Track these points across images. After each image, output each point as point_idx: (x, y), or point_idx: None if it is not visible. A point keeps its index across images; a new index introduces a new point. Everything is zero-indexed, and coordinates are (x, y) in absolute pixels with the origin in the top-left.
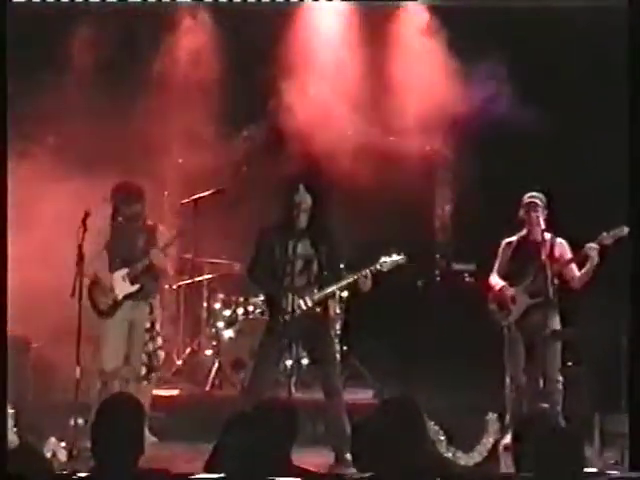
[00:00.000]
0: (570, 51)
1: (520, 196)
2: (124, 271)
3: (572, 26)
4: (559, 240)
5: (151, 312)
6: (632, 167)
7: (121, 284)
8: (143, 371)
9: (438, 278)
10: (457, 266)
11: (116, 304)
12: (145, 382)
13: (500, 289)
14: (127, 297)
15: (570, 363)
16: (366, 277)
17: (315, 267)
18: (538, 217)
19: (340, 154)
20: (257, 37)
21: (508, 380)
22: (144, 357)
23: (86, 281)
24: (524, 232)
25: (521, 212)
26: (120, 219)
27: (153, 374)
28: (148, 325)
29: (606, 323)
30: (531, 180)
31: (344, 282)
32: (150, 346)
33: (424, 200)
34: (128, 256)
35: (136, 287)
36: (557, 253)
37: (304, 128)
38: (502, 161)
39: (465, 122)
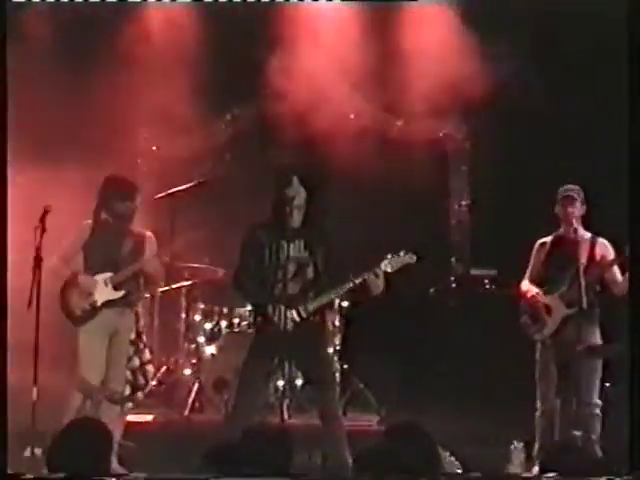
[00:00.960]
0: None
1: (552, 189)
2: (106, 275)
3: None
4: (601, 240)
5: (137, 321)
6: (632, 166)
7: (102, 289)
8: (127, 391)
9: (454, 285)
10: (476, 271)
11: (94, 310)
12: (130, 404)
13: (533, 297)
14: (107, 304)
15: (609, 384)
16: (377, 276)
17: (310, 272)
18: (575, 214)
19: (340, 141)
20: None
21: (538, 403)
22: (128, 374)
23: (60, 281)
24: (560, 231)
25: (556, 208)
26: (106, 216)
27: (139, 394)
28: (133, 336)
29: None
30: (565, 172)
31: (344, 289)
32: (136, 361)
33: (437, 194)
34: (110, 259)
35: (121, 294)
36: (598, 255)
37: (298, 110)
38: (530, 150)
39: (484, 104)
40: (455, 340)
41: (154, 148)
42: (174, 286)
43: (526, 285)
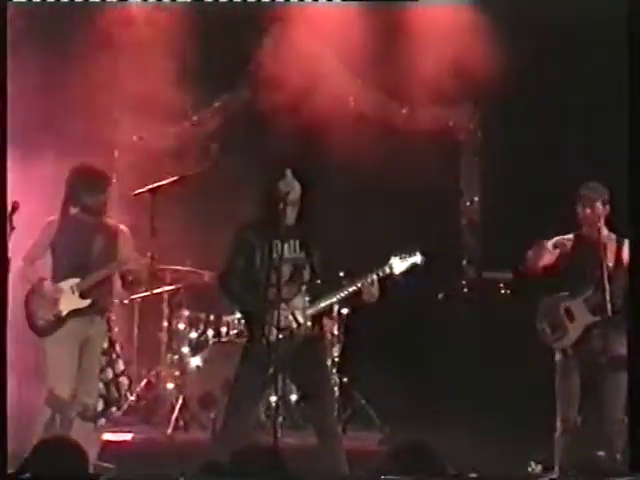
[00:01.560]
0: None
1: (574, 184)
2: (73, 281)
3: None
4: (628, 241)
5: (109, 328)
6: (632, 165)
7: (68, 297)
8: (100, 405)
9: (465, 290)
10: (489, 274)
11: (59, 321)
12: (103, 420)
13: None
14: (73, 313)
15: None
16: (372, 284)
17: (306, 274)
18: (597, 213)
19: (339, 130)
20: None
21: (558, 420)
22: (101, 387)
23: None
24: (582, 231)
25: (577, 207)
26: (75, 211)
27: (113, 409)
28: (106, 345)
29: None
30: (588, 166)
31: (344, 293)
32: (109, 372)
33: (446, 189)
34: (80, 259)
35: (87, 302)
36: (625, 257)
37: (292, 97)
38: (548, 141)
39: (498, 91)
40: (467, 350)
41: (134, 138)
42: (155, 291)
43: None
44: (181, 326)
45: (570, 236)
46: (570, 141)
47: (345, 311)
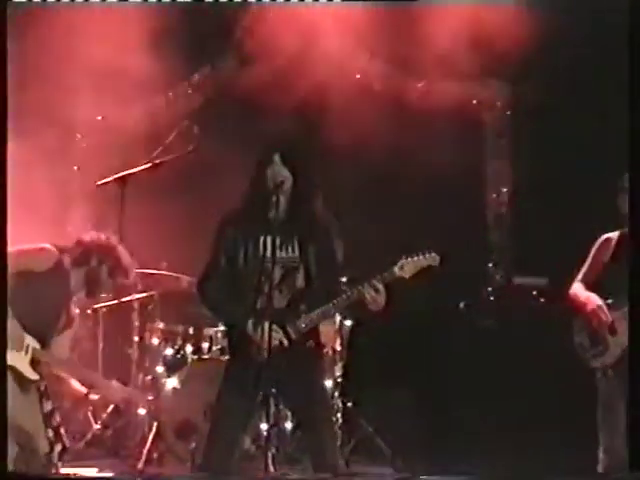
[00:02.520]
0: None
1: (618, 174)
2: None
3: None
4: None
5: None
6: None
7: None
8: (43, 445)
9: (492, 297)
10: (520, 280)
11: None
12: (52, 457)
13: (595, 310)
14: None
15: None
16: (377, 290)
17: (301, 278)
18: None
19: (341, 108)
20: None
21: (600, 451)
22: (39, 421)
23: None
24: (628, 229)
25: (619, 200)
26: None
27: (59, 445)
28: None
29: None
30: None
31: (345, 301)
32: (47, 404)
33: (469, 179)
34: None
35: None
36: None
37: (286, 70)
38: (589, 122)
39: (529, 63)
40: (493, 370)
41: (99, 118)
42: (124, 299)
43: (583, 291)
44: (155, 341)
45: (615, 234)
46: (614, 124)
47: (348, 323)
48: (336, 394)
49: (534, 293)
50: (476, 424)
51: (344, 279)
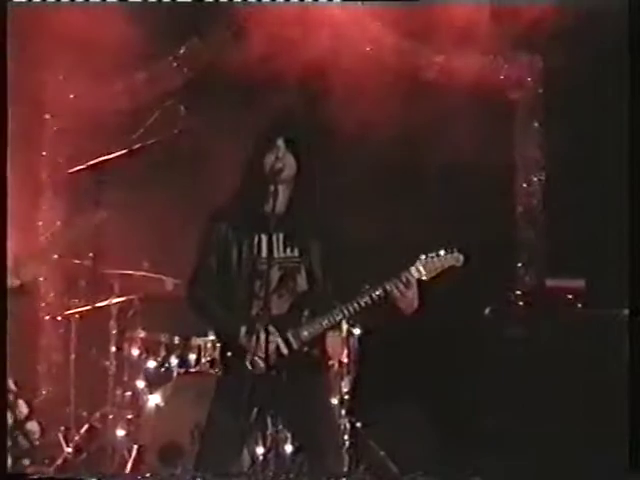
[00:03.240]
0: None
1: None
2: None
3: None
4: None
5: None
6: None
7: None
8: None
9: (521, 302)
10: (554, 282)
11: None
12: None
13: None
14: None
15: None
16: (407, 284)
17: (303, 281)
18: None
19: (349, 86)
20: None
21: None
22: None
23: None
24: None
25: None
26: None
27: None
28: None
29: None
30: None
31: (354, 307)
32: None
33: (495, 166)
34: None
35: None
36: None
37: (287, 42)
38: (632, 100)
39: (565, 33)
40: (522, 384)
41: (72, 96)
42: (100, 304)
43: None
44: (135, 352)
45: None
46: None
47: (357, 332)
48: (343, 413)
49: (570, 297)
50: (502, 445)
51: (353, 281)
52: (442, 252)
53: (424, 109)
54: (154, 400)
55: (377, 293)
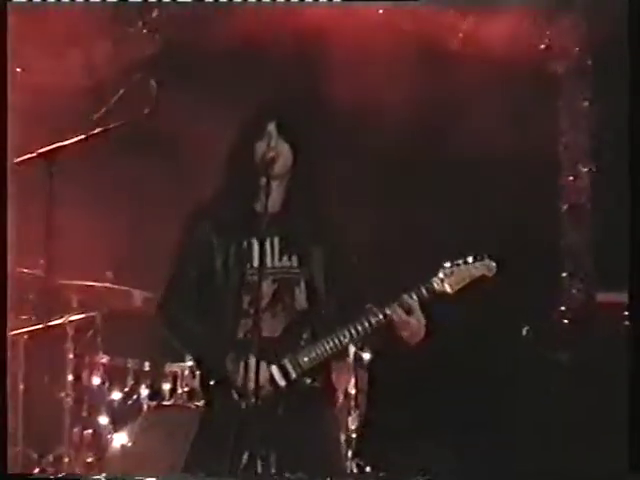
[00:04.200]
0: None
1: None
2: None
3: None
4: None
5: None
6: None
7: None
8: None
9: (566, 320)
10: (605, 295)
11: None
12: None
13: None
14: None
15: None
16: (408, 310)
17: (301, 295)
18: None
19: (358, 57)
20: None
21: None
22: None
23: None
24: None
25: None
26: None
27: None
28: None
29: None
30: None
31: (363, 328)
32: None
33: (536, 158)
34: None
35: None
36: None
37: (280, 4)
38: None
39: None
40: (567, 416)
41: (18, 70)
42: (53, 322)
43: None
44: (96, 380)
45: None
46: None
47: (367, 356)
48: (349, 453)
49: (625, 314)
50: None
51: (362, 296)
52: (470, 259)
53: (446, 87)
54: (119, 440)
55: (385, 314)
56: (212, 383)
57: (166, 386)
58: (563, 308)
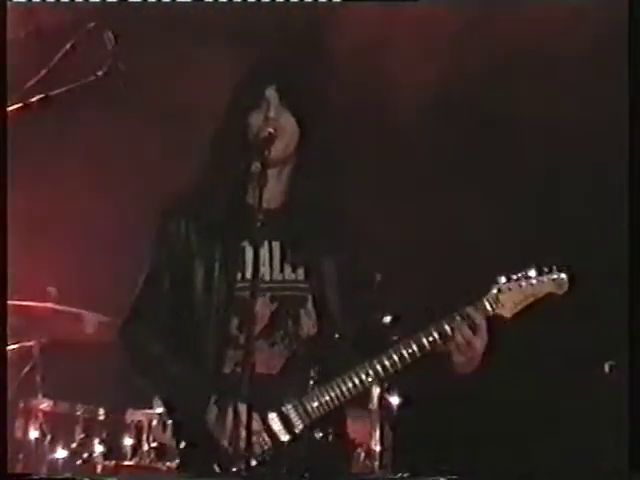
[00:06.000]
0: None
1: None
2: None
3: None
4: None
5: None
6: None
7: None
8: None
9: None
10: None
11: None
12: None
13: None
14: None
15: None
16: (473, 325)
17: (310, 319)
18: None
19: (374, 24)
20: None
21: None
22: None
23: None
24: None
25: None
26: None
27: None
28: None
29: None
30: None
31: (391, 361)
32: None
33: (611, 147)
34: None
35: None
36: None
37: None
38: None
39: None
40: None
41: None
42: None
43: None
44: (34, 433)
45: None
46: None
47: (396, 401)
48: None
49: None
50: None
51: (388, 320)
52: (532, 272)
53: (492, 52)
54: None
55: (423, 341)
56: (188, 437)
57: (127, 441)
58: None
